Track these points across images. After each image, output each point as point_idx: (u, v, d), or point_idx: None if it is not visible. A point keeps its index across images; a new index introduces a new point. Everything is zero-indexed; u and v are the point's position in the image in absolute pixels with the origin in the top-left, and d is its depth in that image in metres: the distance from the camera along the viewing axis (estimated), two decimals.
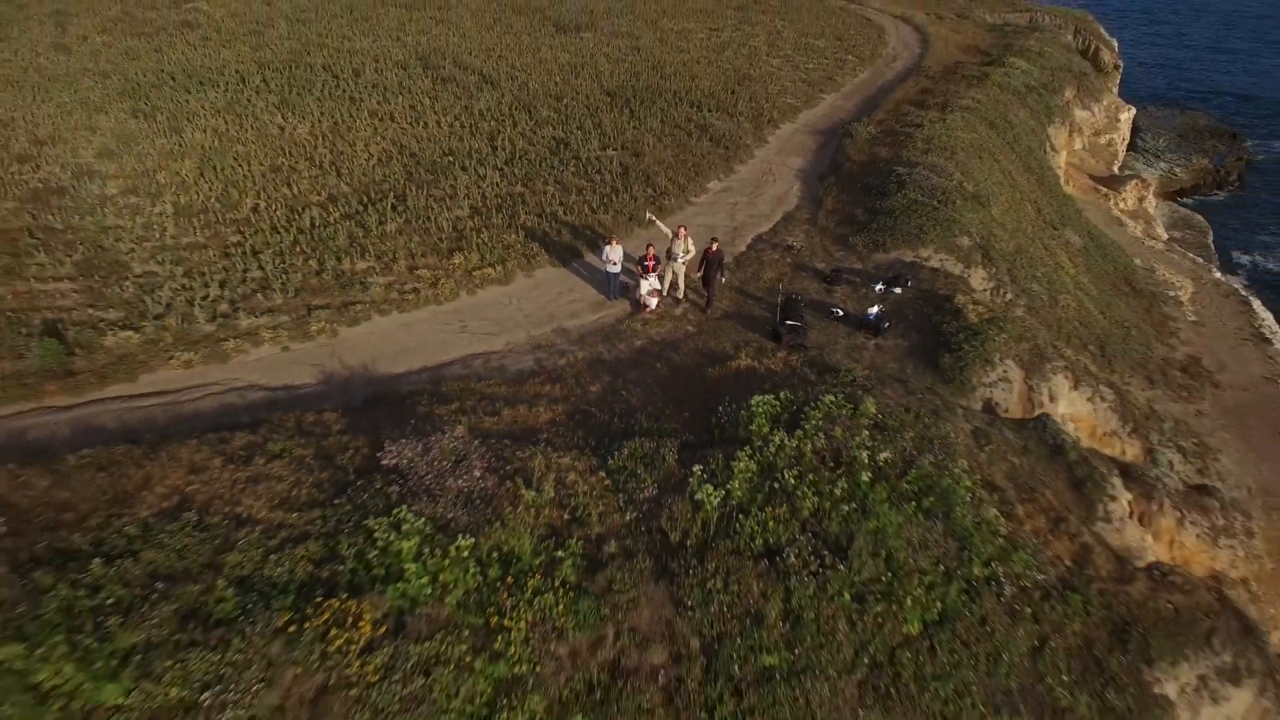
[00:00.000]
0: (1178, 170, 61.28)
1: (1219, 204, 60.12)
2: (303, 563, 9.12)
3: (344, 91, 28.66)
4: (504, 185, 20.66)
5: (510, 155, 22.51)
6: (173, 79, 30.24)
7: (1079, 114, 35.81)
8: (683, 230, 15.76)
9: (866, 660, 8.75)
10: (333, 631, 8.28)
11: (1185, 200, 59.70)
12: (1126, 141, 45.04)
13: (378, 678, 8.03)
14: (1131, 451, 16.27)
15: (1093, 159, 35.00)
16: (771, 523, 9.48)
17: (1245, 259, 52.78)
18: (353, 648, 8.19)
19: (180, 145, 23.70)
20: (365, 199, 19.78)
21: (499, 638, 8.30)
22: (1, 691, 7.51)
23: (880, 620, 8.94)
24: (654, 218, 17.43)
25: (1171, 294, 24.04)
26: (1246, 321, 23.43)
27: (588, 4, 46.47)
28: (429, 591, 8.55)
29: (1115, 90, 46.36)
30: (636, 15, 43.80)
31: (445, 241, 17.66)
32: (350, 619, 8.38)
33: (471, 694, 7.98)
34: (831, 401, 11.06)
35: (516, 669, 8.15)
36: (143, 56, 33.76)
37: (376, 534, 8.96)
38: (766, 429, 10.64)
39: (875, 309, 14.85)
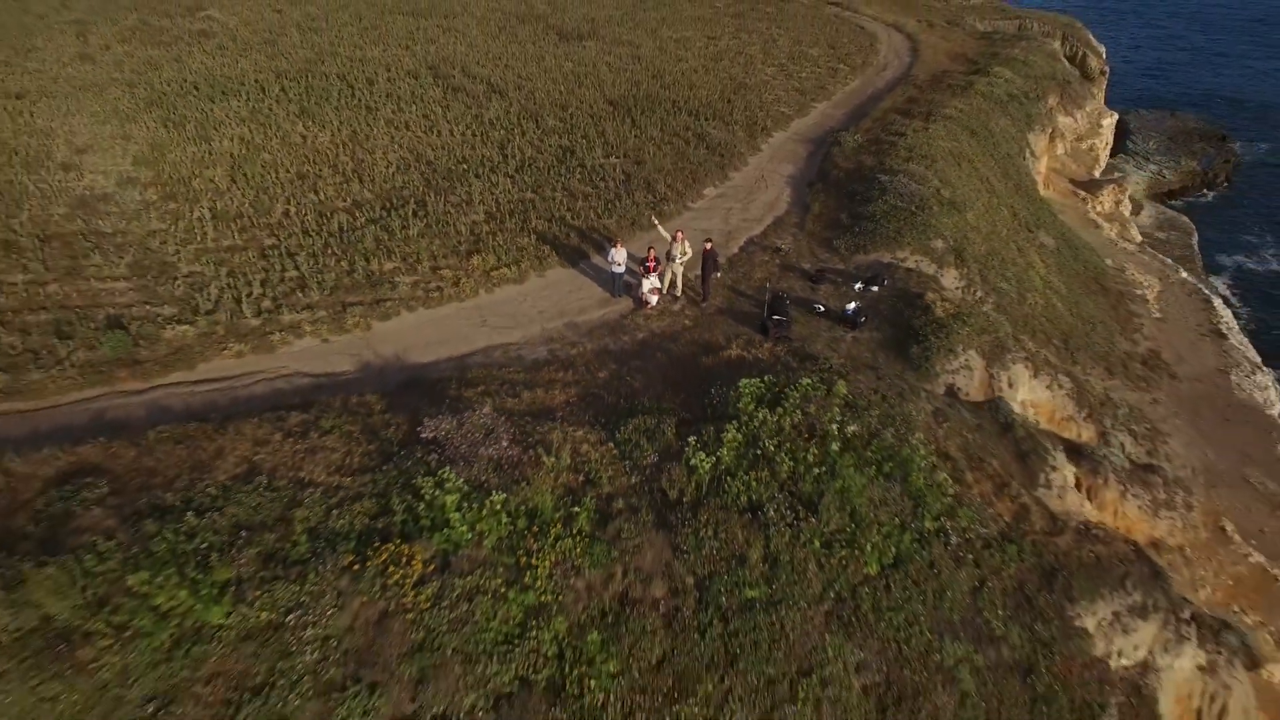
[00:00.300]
0: (1166, 172, 63.28)
1: (1206, 205, 62.13)
2: (360, 516, 11.00)
3: (359, 101, 30.51)
4: (515, 192, 22.55)
5: (520, 163, 24.39)
6: (196, 89, 32.08)
7: (1061, 120, 37.70)
8: (680, 234, 17.65)
9: (832, 595, 10.64)
10: (390, 569, 10.16)
11: (1174, 202, 61.73)
12: (1109, 146, 46.92)
13: (429, 605, 9.91)
14: (1086, 434, 18.16)
15: (1074, 164, 36.89)
16: (754, 483, 11.37)
17: (1229, 260, 54.84)
18: (407, 581, 10.07)
19: (210, 153, 25.58)
20: (388, 205, 21.66)
21: (527, 574, 10.19)
22: (132, 610, 9.39)
23: (844, 563, 10.82)
24: (655, 222, 19.32)
25: (1139, 292, 25.92)
26: (1206, 318, 25.30)
27: (589, 12, 48.36)
28: (469, 537, 10.43)
29: (1101, 95, 48.19)
30: (637, 23, 45.68)
31: (464, 244, 19.55)
32: (404, 559, 10.26)
33: (506, 618, 9.86)
34: (808, 384, 12.95)
35: (542, 598, 10.04)
36: (164, 66, 35.54)
37: (424, 491, 10.83)
38: (752, 407, 12.52)
39: (853, 305, 16.74)
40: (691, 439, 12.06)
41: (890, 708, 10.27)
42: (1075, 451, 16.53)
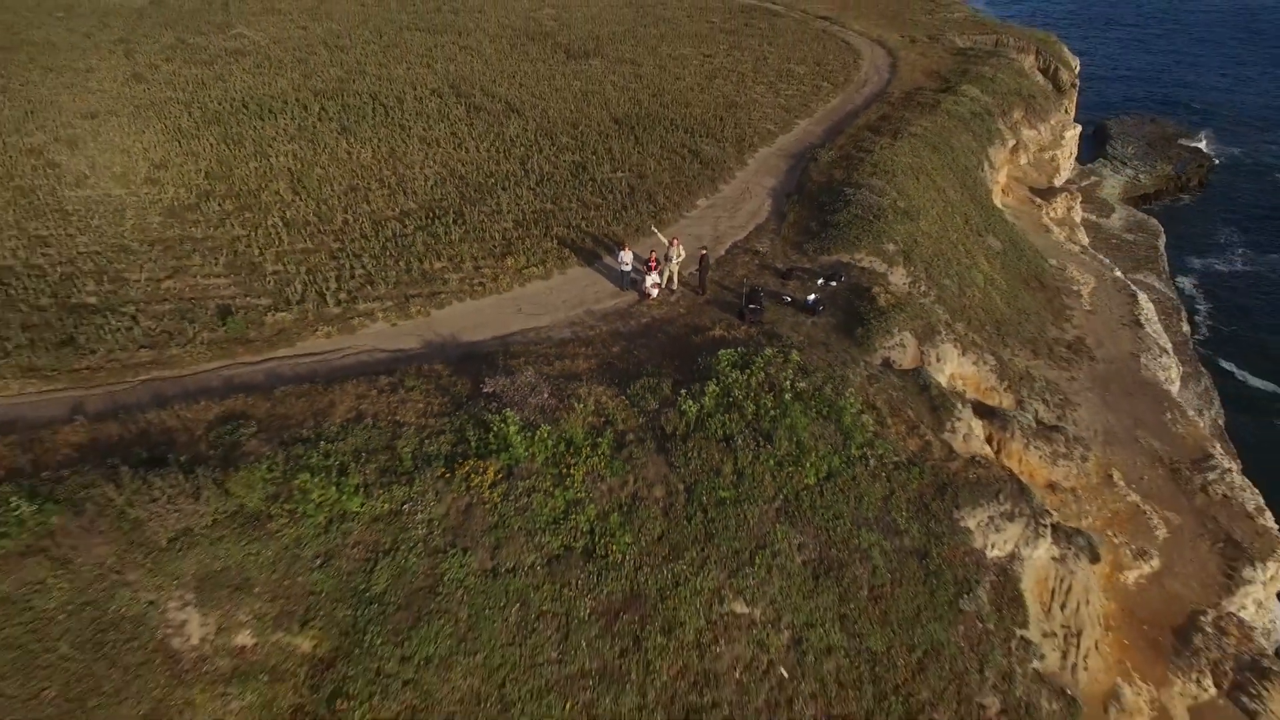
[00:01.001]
0: (1142, 176, 68.21)
1: (1181, 208, 67.08)
2: (445, 443, 15.79)
3: (393, 119, 35.31)
4: (537, 203, 27.38)
5: (539, 178, 29.23)
6: (244, 107, 36.87)
7: (1026, 133, 42.55)
8: (675, 240, 22.47)
9: (780, 497, 15.44)
10: (471, 476, 14.94)
11: (1150, 205, 66.64)
12: (1073, 155, 51.75)
13: (500, 499, 14.70)
14: (1006, 401, 22.98)
15: (1035, 173, 41.71)
16: (727, 422, 16.16)
17: (1198, 262, 59.80)
18: (484, 484, 14.86)
19: (270, 169, 30.38)
20: (431, 214, 26.46)
21: (567, 479, 14.98)
22: (298, 500, 14.18)
23: (790, 475, 15.62)
24: (655, 229, 24.09)
25: (1075, 288, 30.72)
26: (1129, 310, 30.10)
27: (594, 29, 53.25)
28: (525, 456, 15.21)
29: (1072, 106, 53.04)
30: (638, 41, 50.52)
31: (498, 247, 24.37)
32: (481, 470, 15.04)
33: (553, 507, 14.66)
34: (770, 353, 17.75)
35: (578, 495, 14.83)
36: (211, 85, 40.32)
37: (492, 425, 15.61)
38: (727, 369, 17.31)
39: (813, 296, 21.53)
40: (683, 392, 16.85)
41: (821, 575, 15.07)
42: (991, 413, 21.38)
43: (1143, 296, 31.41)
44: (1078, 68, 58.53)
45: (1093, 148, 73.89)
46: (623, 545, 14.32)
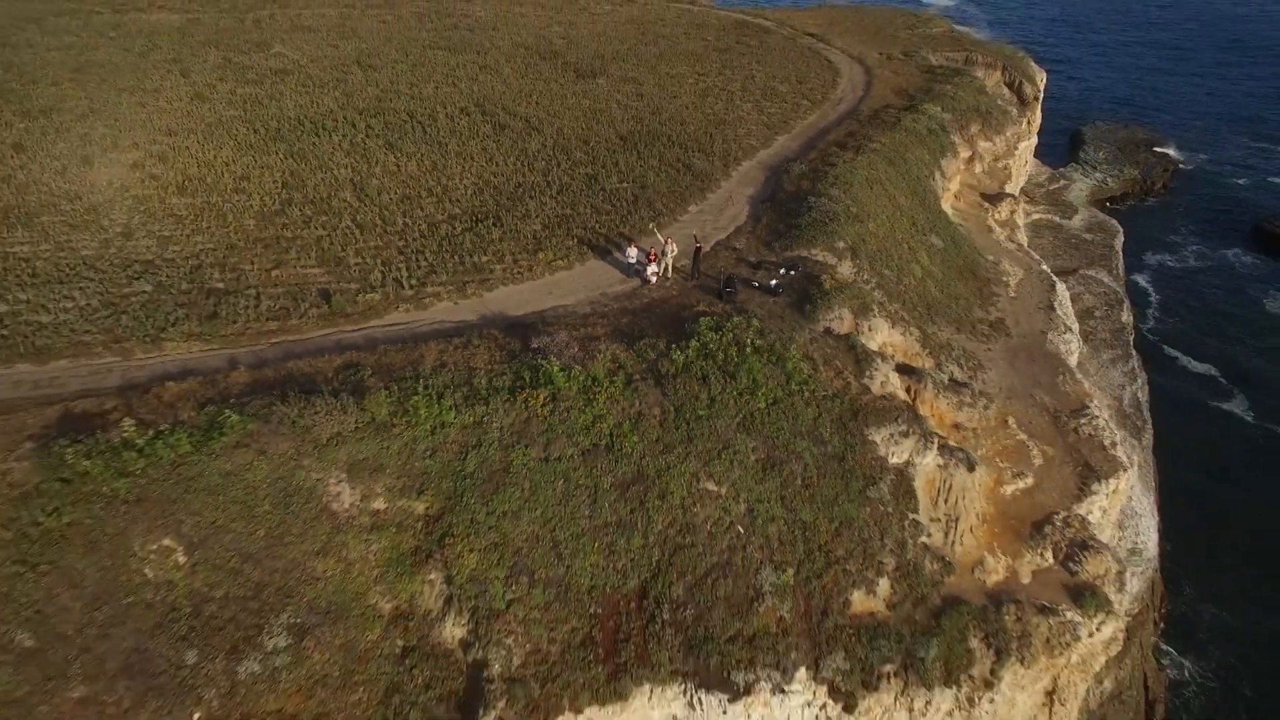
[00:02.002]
0: (1110, 180, 76.42)
1: (1144, 209, 75.42)
2: (507, 379, 23.62)
3: (430, 136, 43.24)
4: (558, 209, 35.30)
5: (559, 188, 37.15)
6: (300, 124, 44.79)
7: (982, 145, 50.51)
8: (669, 239, 30.37)
9: (740, 416, 23.32)
10: (528, 399, 22.80)
11: (1117, 206, 74.77)
12: (1027, 164, 59.68)
13: (548, 413, 22.58)
14: (927, 364, 30.82)
15: (989, 180, 49.62)
16: (705, 366, 24.05)
17: (1153, 258, 68.12)
18: (536, 404, 22.72)
19: (335, 179, 38.28)
20: (474, 218, 34.35)
21: (593, 402, 22.86)
22: (412, 413, 22.01)
23: (746, 401, 23.52)
24: (654, 230, 31.95)
25: (1004, 279, 38.58)
26: (1047, 298, 37.93)
27: (599, 48, 61.28)
28: (564, 387, 23.08)
29: (1033, 118, 61.01)
30: (639, 60, 58.54)
31: (530, 245, 32.27)
32: (534, 396, 22.88)
33: (584, 419, 22.55)
34: (738, 321, 25.65)
35: (601, 412, 22.72)
36: (266, 103, 48.21)
37: (540, 368, 23.46)
38: (706, 332, 25.19)
39: (775, 281, 29.40)
40: (673, 347, 24.73)
41: (767, 468, 22.93)
42: (912, 371, 29.24)
43: (1060, 286, 39.28)
44: (1043, 81, 66.46)
45: (1067, 152, 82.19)
46: (631, 443, 22.18)
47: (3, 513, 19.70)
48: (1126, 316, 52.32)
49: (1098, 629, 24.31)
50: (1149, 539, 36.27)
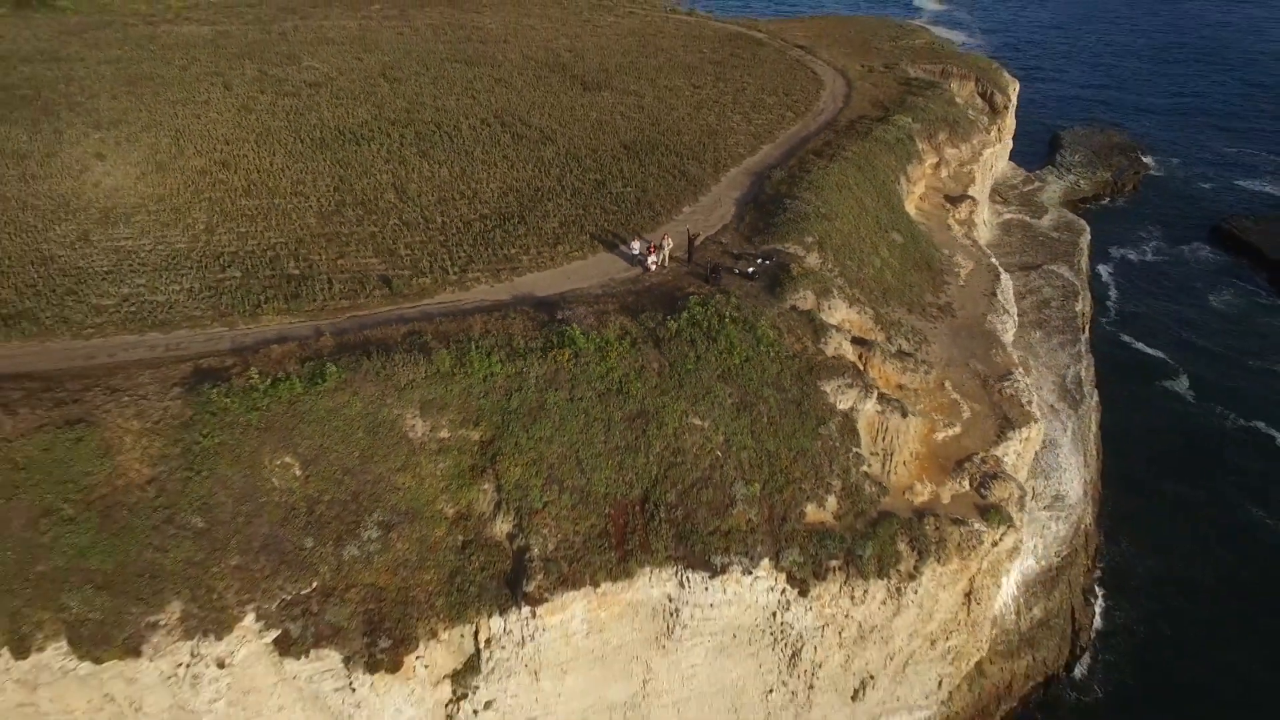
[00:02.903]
0: (1082, 182, 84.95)
1: (1113, 209, 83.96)
2: (539, 342, 31.85)
3: (456, 145, 51.55)
4: (572, 210, 43.56)
5: (572, 191, 45.46)
6: (340, 134, 53.12)
7: (949, 151, 58.88)
8: (666, 235, 38.63)
9: (720, 369, 31.57)
10: (556, 356, 31.03)
11: (1088, 206, 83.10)
12: (994, 169, 68.01)
13: (572, 366, 30.85)
14: (879, 338, 39.02)
15: (954, 183, 57.93)
16: (692, 332, 32.31)
17: (1117, 252, 76.54)
18: (563, 359, 30.95)
19: (378, 183, 46.56)
20: (501, 217, 42.60)
21: (607, 357, 31.10)
22: (473, 364, 30.22)
23: (725, 359, 31.80)
24: (655, 228, 40.16)
25: (956, 270, 46.81)
26: (991, 286, 46.16)
27: (603, 61, 69.73)
28: (585, 347, 31.32)
29: (1003, 125, 69.41)
30: (640, 72, 66.96)
31: (550, 239, 40.53)
32: (561, 354, 31.10)
33: (600, 369, 30.81)
34: (720, 299, 33.94)
35: (612, 365, 31.00)
36: (306, 114, 56.55)
37: (566, 333, 31.70)
38: (695, 306, 33.45)
39: (752, 269, 37.65)
40: (668, 318, 32.97)
41: (740, 409, 31.12)
42: (865, 342, 37.44)
43: (1005, 277, 47.54)
44: (1015, 90, 74.92)
45: (1046, 155, 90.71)
46: (636, 388, 30.38)
47: (172, 434, 27.91)
48: (1080, 307, 60.59)
49: (1000, 538, 32.52)
50: (1072, 490, 44.50)
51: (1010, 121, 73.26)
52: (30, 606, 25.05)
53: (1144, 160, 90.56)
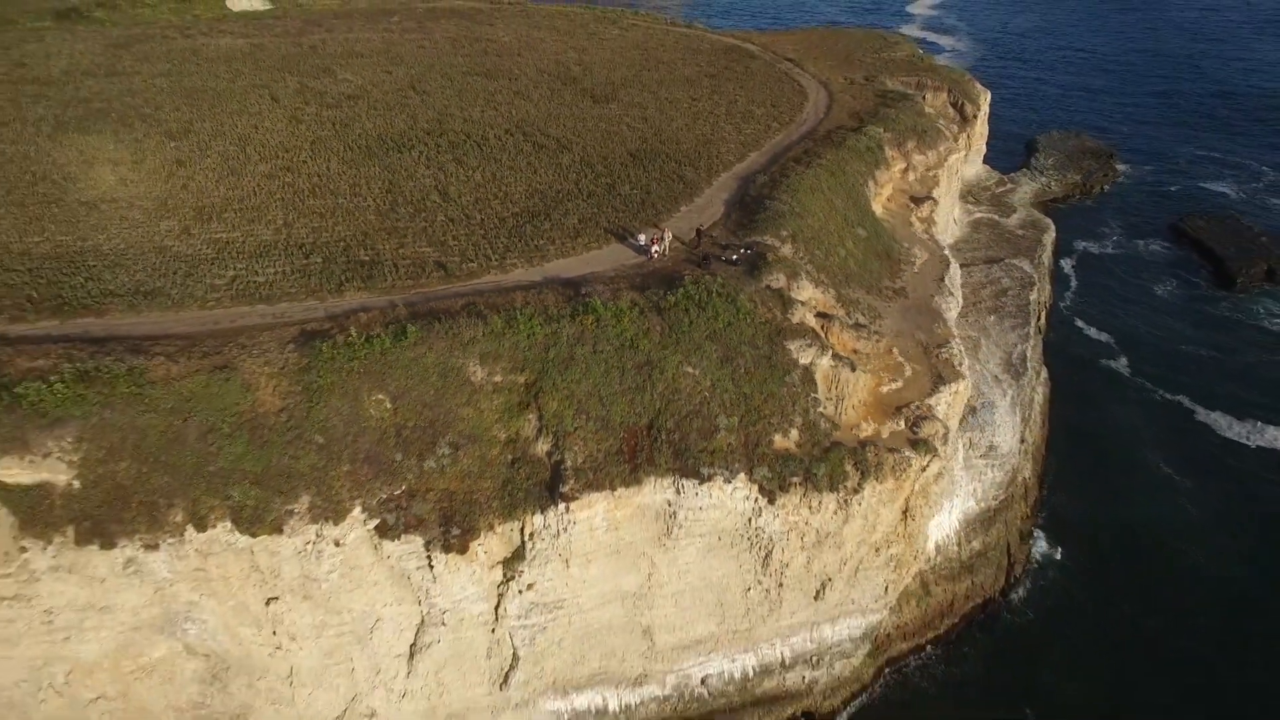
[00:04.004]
0: (1053, 184, 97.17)
1: (1080, 208, 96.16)
2: (567, 311, 43.75)
3: (485, 153, 63.57)
4: (588, 209, 55.56)
5: (588, 194, 57.50)
6: (383, 142, 65.15)
7: (917, 158, 71.01)
8: (667, 229, 50.59)
9: (707, 331, 43.60)
10: (582, 321, 42.99)
11: (1058, 206, 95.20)
12: (958, 172, 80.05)
13: (594, 328, 42.82)
14: (840, 312, 50.98)
15: (920, 186, 69.95)
16: (687, 303, 44.29)
17: (1080, 246, 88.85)
18: (588, 323, 42.92)
19: (423, 187, 58.53)
20: (530, 215, 54.57)
21: (621, 321, 43.10)
22: (516, 327, 42.11)
23: (711, 324, 43.82)
24: (657, 224, 52.08)
25: (912, 260, 58.75)
26: (941, 274, 58.08)
27: (609, 74, 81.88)
28: (604, 314, 43.27)
29: (972, 133, 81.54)
30: (643, 85, 79.09)
31: (571, 233, 52.53)
32: (585, 319, 43.01)
33: (616, 331, 42.81)
34: (708, 279, 45.96)
35: (625, 328, 43.01)
36: (350, 125, 68.60)
37: (589, 304, 43.64)
38: (689, 285, 45.43)
39: (736, 256, 49.61)
40: (668, 293, 44.93)
41: (724, 362, 43.09)
42: (827, 316, 49.40)
43: (954, 266, 59.51)
44: (986, 100, 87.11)
45: (1022, 158, 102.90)
46: (643, 345, 42.32)
47: (295, 376, 39.77)
48: (1035, 296, 72.60)
49: (927, 465, 44.41)
50: (1005, 442, 56.41)
51: (981, 128, 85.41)
52: (206, 495, 36.88)
53: (1114, 164, 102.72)
